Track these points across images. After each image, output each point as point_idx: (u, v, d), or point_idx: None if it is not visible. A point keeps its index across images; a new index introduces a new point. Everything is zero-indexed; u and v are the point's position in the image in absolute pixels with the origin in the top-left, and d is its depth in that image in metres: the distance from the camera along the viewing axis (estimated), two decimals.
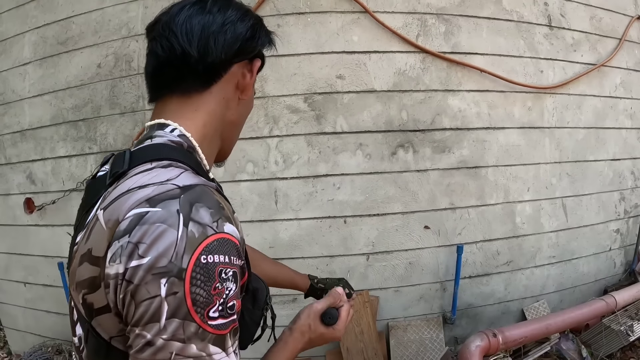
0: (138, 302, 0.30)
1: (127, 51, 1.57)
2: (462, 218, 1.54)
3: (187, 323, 0.29)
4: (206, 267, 0.30)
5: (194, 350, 0.30)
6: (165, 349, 0.29)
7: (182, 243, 0.30)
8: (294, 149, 1.44)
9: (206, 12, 0.38)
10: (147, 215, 0.31)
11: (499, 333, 1.29)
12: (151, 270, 0.29)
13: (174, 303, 0.29)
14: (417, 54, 1.47)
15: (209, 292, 0.30)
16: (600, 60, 1.79)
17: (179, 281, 0.29)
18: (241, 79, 0.41)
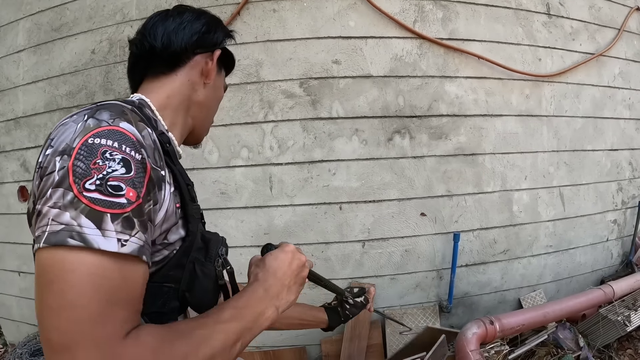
0: (42, 181, 0.34)
1: (121, 37, 1.55)
2: (459, 205, 1.53)
3: (67, 192, 0.32)
4: (91, 146, 0.34)
5: (66, 218, 0.31)
6: (45, 216, 0.32)
7: (78, 131, 0.35)
8: (289, 134, 1.42)
9: (168, 17, 0.50)
10: (66, 120, 0.37)
11: (495, 320, 1.28)
12: (54, 154, 0.34)
13: (60, 175, 0.33)
14: (414, 39, 1.46)
15: (88, 165, 0.33)
16: (599, 49, 1.78)
17: (67, 157, 0.33)
18: (204, 66, 0.51)
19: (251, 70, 1.41)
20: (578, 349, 1.56)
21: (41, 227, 0.32)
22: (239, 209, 1.42)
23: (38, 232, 0.32)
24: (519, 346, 1.45)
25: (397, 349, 1.41)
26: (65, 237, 0.31)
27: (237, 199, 1.42)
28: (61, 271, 0.30)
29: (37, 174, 0.35)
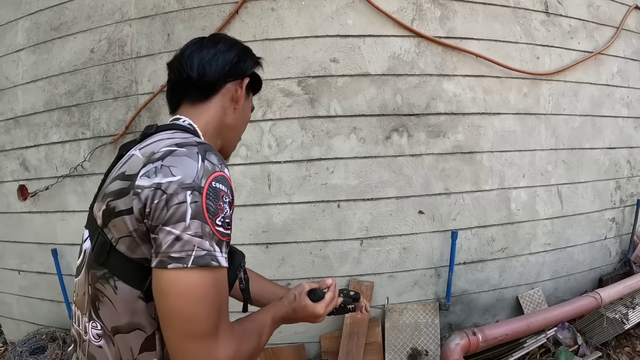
0: (170, 206, 0.42)
1: (120, 35, 1.55)
2: (457, 203, 1.54)
3: (204, 225, 0.43)
4: (215, 189, 0.44)
5: (207, 245, 0.42)
6: (190, 243, 0.42)
7: (201, 171, 0.44)
8: (288, 132, 1.43)
9: (203, 47, 0.56)
10: (176, 151, 0.46)
11: (478, 332, 1.30)
12: (181, 185, 0.43)
13: (195, 209, 0.42)
14: (412, 38, 1.46)
15: (216, 206, 0.44)
16: (597, 48, 1.78)
17: (199, 194, 0.43)
18: (234, 93, 0.57)
19: None
20: (575, 345, 1.56)
21: (186, 250, 0.42)
22: (237, 207, 1.43)
23: (178, 252, 0.42)
24: (515, 349, 1.45)
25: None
26: (209, 261, 0.42)
27: (236, 197, 1.42)
28: (203, 282, 0.42)
29: (153, 192, 0.43)
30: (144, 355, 0.48)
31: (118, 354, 0.48)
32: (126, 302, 0.47)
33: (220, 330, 0.43)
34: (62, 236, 1.68)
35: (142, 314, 0.48)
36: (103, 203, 0.48)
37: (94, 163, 1.60)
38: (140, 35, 1.52)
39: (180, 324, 0.42)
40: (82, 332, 0.51)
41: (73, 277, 1.68)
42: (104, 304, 0.48)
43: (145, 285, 0.46)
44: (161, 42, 1.50)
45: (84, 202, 1.64)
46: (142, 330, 0.48)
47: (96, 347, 0.49)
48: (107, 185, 0.49)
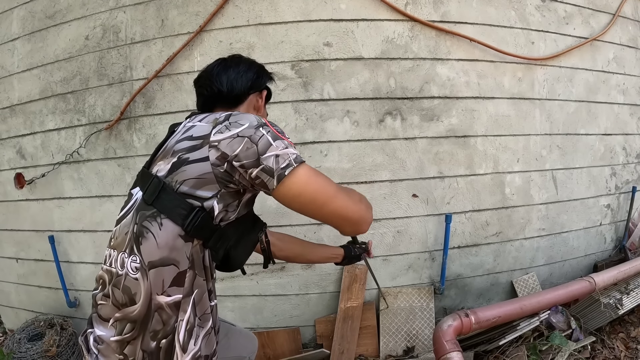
0: (255, 142, 0.57)
1: (114, 22, 1.56)
2: (451, 187, 1.54)
3: (282, 141, 0.59)
4: (270, 122, 0.62)
5: (293, 150, 0.59)
6: (285, 153, 0.58)
7: (257, 117, 0.61)
8: (281, 116, 1.43)
9: (228, 67, 0.71)
10: (234, 113, 0.62)
11: (471, 313, 1.30)
12: (252, 127, 0.59)
13: (272, 135, 0.59)
14: (406, 22, 1.46)
15: (279, 128, 0.62)
16: (593, 34, 1.78)
17: (267, 126, 0.60)
18: (256, 103, 0.74)
19: (243, 53, 1.41)
20: (569, 329, 1.57)
21: (286, 159, 0.57)
22: None
23: (283, 163, 0.57)
24: (509, 332, 1.46)
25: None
26: (301, 158, 0.60)
27: None
28: (309, 169, 0.60)
29: (234, 140, 0.58)
30: (172, 289, 0.57)
31: (150, 286, 0.57)
32: (167, 237, 0.57)
33: (351, 198, 0.64)
34: (58, 223, 1.69)
35: (179, 251, 0.58)
36: (174, 157, 0.60)
37: (90, 149, 1.61)
38: (135, 22, 1.53)
39: (326, 196, 0.58)
40: (119, 268, 0.60)
41: (70, 263, 1.70)
42: (146, 239, 0.58)
43: (187, 222, 0.57)
44: (155, 28, 1.50)
45: (80, 189, 1.64)
46: (176, 266, 0.58)
47: (132, 279, 0.58)
48: (174, 145, 0.62)
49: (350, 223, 0.62)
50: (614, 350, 1.54)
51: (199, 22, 1.45)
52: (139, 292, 0.57)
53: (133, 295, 0.57)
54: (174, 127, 0.69)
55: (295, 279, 1.49)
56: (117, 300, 0.58)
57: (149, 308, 0.56)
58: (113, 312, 0.58)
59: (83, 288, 1.70)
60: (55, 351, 1.53)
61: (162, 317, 0.57)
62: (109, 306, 0.59)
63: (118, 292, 0.58)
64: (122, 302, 0.58)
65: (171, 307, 0.57)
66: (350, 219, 0.61)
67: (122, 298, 0.58)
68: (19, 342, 1.59)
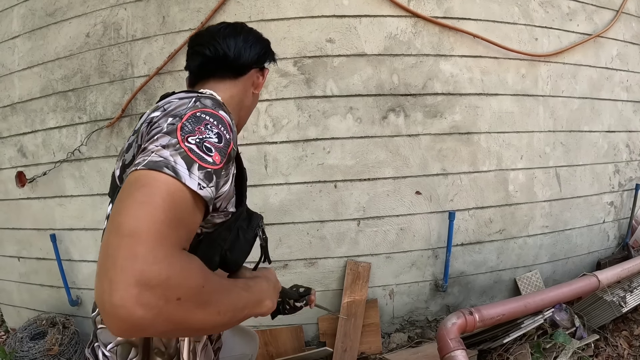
0: (150, 130, 0.46)
1: (115, 19, 1.55)
2: (454, 184, 1.53)
3: (172, 139, 0.42)
4: (198, 117, 0.45)
5: (166, 154, 0.40)
6: (149, 150, 0.41)
7: (189, 106, 0.47)
8: (284, 112, 1.42)
9: (237, 33, 0.62)
10: (173, 97, 0.51)
11: (475, 311, 1.29)
12: (165, 116, 0.46)
13: (169, 128, 0.44)
14: (409, 18, 1.45)
15: (193, 128, 0.44)
16: (597, 30, 1.77)
17: (179, 119, 0.45)
18: (256, 79, 0.65)
19: None
20: (573, 327, 1.57)
21: (143, 156, 0.40)
22: None
23: (138, 160, 0.40)
24: (513, 330, 1.45)
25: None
26: (162, 166, 0.39)
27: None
28: (153, 181, 0.37)
29: (145, 128, 0.47)
30: None
31: None
32: None
33: (166, 243, 0.34)
34: (60, 221, 1.69)
35: None
36: (120, 161, 0.52)
37: (91, 147, 1.60)
38: (136, 19, 1.52)
39: (116, 216, 0.35)
40: None
41: (72, 262, 1.70)
42: None
43: None
44: (156, 25, 1.50)
45: (81, 187, 1.64)
46: None
47: None
48: (125, 144, 0.54)
49: (114, 231, 0.34)
50: (617, 348, 1.54)
51: (200, 18, 1.44)
52: None
53: None
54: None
55: (298, 276, 1.49)
56: None
57: None
58: (114, 336, 0.49)
59: (85, 286, 1.69)
60: (57, 350, 1.53)
61: (162, 339, 0.53)
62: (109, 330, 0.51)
63: None
64: None
65: None
66: (122, 226, 0.34)
67: None
68: (21, 341, 1.59)
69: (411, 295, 1.56)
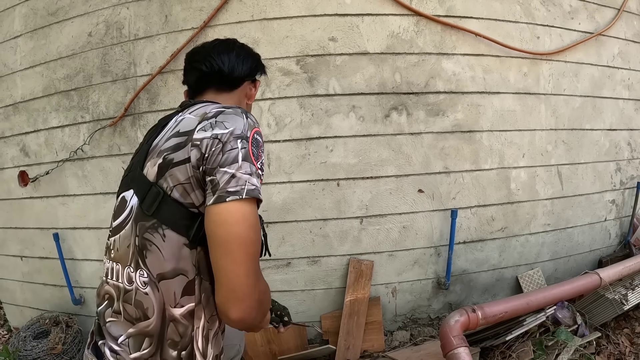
0: (225, 151, 0.53)
1: (117, 18, 1.55)
2: (457, 182, 1.54)
3: (252, 166, 0.53)
4: (256, 140, 0.56)
5: (255, 181, 0.52)
6: (242, 179, 0.51)
7: (247, 125, 0.56)
8: (287, 111, 1.43)
9: (230, 50, 0.69)
10: (226, 110, 0.57)
11: (478, 309, 1.30)
12: (233, 135, 0.54)
13: (244, 153, 0.53)
14: (411, 16, 1.45)
15: (258, 152, 0.55)
16: (598, 29, 1.77)
17: (247, 142, 0.54)
18: (249, 90, 0.72)
19: None
20: (575, 325, 1.57)
21: (240, 185, 0.51)
22: None
23: (233, 186, 0.51)
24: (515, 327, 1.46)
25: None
26: (257, 193, 0.52)
27: None
28: (256, 215, 0.53)
29: (211, 142, 0.53)
30: (184, 299, 0.55)
31: (162, 298, 0.55)
32: (172, 249, 0.54)
33: (258, 266, 0.53)
34: (63, 220, 1.69)
35: (186, 260, 0.55)
36: (159, 158, 0.56)
37: (94, 146, 1.60)
38: (138, 18, 1.52)
39: (239, 247, 0.49)
40: (126, 283, 0.57)
41: (74, 261, 1.70)
42: (151, 252, 0.55)
43: (192, 232, 0.54)
44: (159, 24, 1.50)
45: (84, 186, 1.64)
46: (184, 276, 0.55)
47: (143, 294, 0.55)
48: (162, 143, 0.57)
49: (230, 293, 0.50)
50: (619, 345, 1.54)
51: (202, 17, 1.44)
52: (151, 306, 0.55)
53: (146, 310, 0.55)
54: (164, 121, 0.64)
55: (301, 274, 1.49)
56: (130, 316, 0.56)
57: (164, 321, 0.55)
58: (127, 327, 0.56)
59: (88, 285, 1.70)
60: (60, 349, 1.53)
61: (178, 328, 0.55)
62: (122, 322, 0.56)
63: (130, 308, 0.56)
64: (136, 316, 0.55)
65: (186, 317, 0.55)
66: (236, 290, 0.50)
67: (136, 313, 0.55)
68: (24, 340, 1.59)
69: (414, 293, 1.57)
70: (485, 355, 1.41)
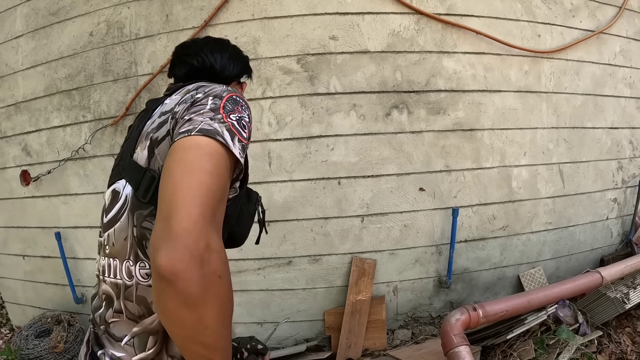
0: (193, 105, 0.49)
1: (119, 18, 1.55)
2: (458, 181, 1.53)
3: (217, 114, 0.48)
4: (235, 99, 0.52)
5: (215, 125, 0.47)
6: (197, 121, 0.46)
7: (225, 90, 0.53)
8: (287, 110, 1.43)
9: (224, 49, 0.67)
10: (207, 84, 0.55)
11: (479, 307, 1.30)
12: (207, 96, 0.51)
13: (212, 106, 0.49)
14: (412, 15, 1.45)
15: (233, 107, 0.51)
16: (600, 27, 1.77)
17: (219, 100, 0.51)
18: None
19: (249, 48, 1.41)
20: (576, 323, 1.57)
21: (191, 124, 0.45)
22: None
23: (186, 128, 0.45)
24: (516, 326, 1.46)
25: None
26: (215, 134, 0.45)
27: None
28: (211, 148, 0.43)
29: (186, 106, 0.50)
30: None
31: None
32: None
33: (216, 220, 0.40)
34: (65, 219, 1.70)
35: None
36: (147, 140, 0.52)
37: (95, 145, 1.61)
38: (139, 17, 1.52)
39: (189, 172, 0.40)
40: (126, 278, 0.52)
41: (76, 260, 1.71)
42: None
43: None
44: (160, 23, 1.50)
45: (86, 185, 1.64)
46: None
47: (146, 287, 0.51)
48: (149, 126, 0.54)
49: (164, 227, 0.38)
50: (620, 344, 1.54)
51: (203, 16, 1.44)
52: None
53: (149, 305, 0.51)
54: (152, 104, 0.59)
55: (302, 273, 1.49)
56: (132, 314, 0.52)
57: None
58: (130, 327, 0.52)
59: (90, 284, 1.70)
60: (62, 347, 1.54)
61: None
62: (124, 322, 0.52)
63: (132, 305, 0.52)
64: (139, 314, 0.51)
65: None
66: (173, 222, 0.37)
67: (138, 310, 0.52)
68: (26, 339, 1.60)
69: (415, 292, 1.57)
70: (486, 353, 1.41)
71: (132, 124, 0.63)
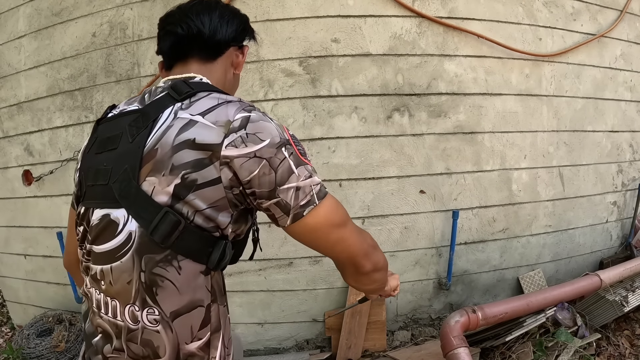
0: (275, 168, 0.47)
1: (121, 19, 1.56)
2: (458, 183, 1.54)
3: (305, 166, 0.49)
4: (293, 135, 0.51)
5: (316, 179, 0.49)
6: (308, 185, 0.48)
7: (279, 127, 0.50)
8: (289, 112, 1.43)
9: (212, 9, 0.56)
10: (251, 117, 0.48)
11: (478, 310, 1.31)
12: (274, 146, 0.47)
13: (294, 159, 0.48)
14: (413, 18, 1.46)
15: (301, 148, 0.51)
16: (601, 30, 1.77)
17: (290, 146, 0.49)
18: (235, 58, 0.60)
19: (251, 50, 1.40)
20: (575, 326, 1.57)
21: (307, 194, 0.48)
22: None
23: (304, 200, 0.47)
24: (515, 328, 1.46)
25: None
26: (325, 190, 0.50)
27: None
28: (333, 205, 0.50)
29: (251, 161, 0.46)
30: (201, 332, 0.48)
31: (176, 339, 0.47)
32: (188, 280, 0.47)
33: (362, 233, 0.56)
34: (67, 219, 1.70)
35: (201, 289, 0.48)
36: (175, 177, 0.44)
37: None
38: (142, 18, 1.53)
39: (339, 232, 0.50)
40: (130, 322, 0.47)
41: None
42: (163, 288, 0.46)
43: (215, 258, 0.47)
44: None
45: None
46: (202, 306, 0.48)
47: (153, 331, 0.47)
48: (169, 153, 0.45)
49: (357, 260, 0.53)
50: (619, 347, 1.55)
51: None
52: (163, 345, 0.47)
53: (156, 349, 0.47)
54: (154, 113, 0.49)
55: (303, 274, 1.50)
56: (136, 354, 0.48)
57: (177, 358, 0.48)
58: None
59: None
60: (64, 346, 1.55)
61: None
62: (126, 359, 0.49)
63: (136, 347, 0.48)
64: (144, 354, 0.48)
65: (203, 349, 0.49)
66: (358, 254, 0.53)
67: (143, 351, 0.48)
68: (27, 338, 1.61)
69: (415, 294, 1.58)
70: (485, 355, 1.41)
71: (104, 121, 0.55)
